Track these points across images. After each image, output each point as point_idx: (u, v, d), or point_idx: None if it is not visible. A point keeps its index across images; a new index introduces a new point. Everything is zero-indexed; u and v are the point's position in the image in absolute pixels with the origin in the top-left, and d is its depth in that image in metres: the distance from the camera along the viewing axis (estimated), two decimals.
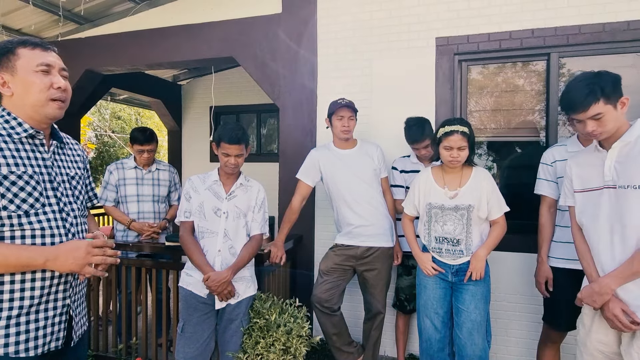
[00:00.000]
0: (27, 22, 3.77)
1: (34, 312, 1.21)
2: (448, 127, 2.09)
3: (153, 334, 2.69)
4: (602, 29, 2.55)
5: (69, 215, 1.31)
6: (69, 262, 1.17)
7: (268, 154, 6.00)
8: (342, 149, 2.63)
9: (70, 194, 1.35)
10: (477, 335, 2.09)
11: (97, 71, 3.92)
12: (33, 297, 1.20)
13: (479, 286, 2.13)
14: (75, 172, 1.41)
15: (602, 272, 1.59)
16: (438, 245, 2.18)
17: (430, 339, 2.21)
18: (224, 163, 2.12)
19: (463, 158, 2.09)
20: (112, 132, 12.03)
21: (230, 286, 2.06)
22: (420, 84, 2.92)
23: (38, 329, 1.22)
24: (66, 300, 1.29)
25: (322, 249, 2.97)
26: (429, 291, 2.22)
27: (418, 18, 2.92)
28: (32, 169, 1.23)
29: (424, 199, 2.21)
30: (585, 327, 1.70)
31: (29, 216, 1.20)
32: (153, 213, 3.07)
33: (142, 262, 2.74)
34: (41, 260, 1.16)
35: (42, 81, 1.24)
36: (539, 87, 2.82)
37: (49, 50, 1.30)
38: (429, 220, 2.19)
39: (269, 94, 3.31)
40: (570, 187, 1.75)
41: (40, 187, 1.24)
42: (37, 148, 1.28)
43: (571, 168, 1.76)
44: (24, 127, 1.24)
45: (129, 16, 3.73)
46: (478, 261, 2.09)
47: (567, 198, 1.79)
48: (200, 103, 6.18)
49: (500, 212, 2.15)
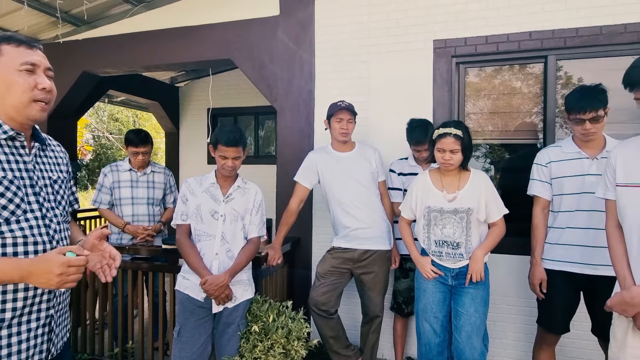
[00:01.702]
0: (24, 24, 3.76)
1: (16, 325, 1.13)
2: (442, 129, 2.09)
3: (150, 338, 2.67)
4: (599, 31, 2.56)
5: (52, 221, 1.23)
6: (41, 280, 1.07)
7: (266, 156, 5.99)
8: (340, 151, 2.62)
9: (53, 198, 1.26)
10: (475, 338, 2.08)
11: (94, 73, 3.91)
12: (15, 309, 1.13)
13: (479, 289, 2.12)
14: (58, 175, 1.33)
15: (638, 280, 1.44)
16: (438, 249, 2.15)
17: (429, 343, 2.19)
18: (221, 166, 2.11)
19: (456, 161, 2.07)
20: (109, 134, 11.99)
21: (227, 290, 2.04)
22: (417, 86, 2.92)
23: (21, 342, 1.14)
24: (50, 310, 1.22)
25: (320, 251, 2.96)
26: (428, 295, 2.20)
27: (416, 20, 2.92)
28: (12, 174, 1.15)
29: (422, 202, 2.18)
30: (617, 340, 1.52)
31: (10, 223, 1.12)
32: (147, 216, 3.05)
33: (138, 265, 2.72)
34: (17, 276, 1.07)
35: (26, 81, 1.15)
36: (536, 90, 2.82)
37: (35, 48, 1.20)
38: (428, 223, 2.17)
39: (267, 96, 3.31)
40: (613, 180, 1.55)
41: (21, 192, 1.16)
42: (17, 151, 1.19)
43: (616, 158, 1.54)
44: (3, 129, 1.15)
45: (126, 18, 3.72)
46: (476, 262, 2.08)
47: (608, 191, 1.59)
48: (197, 105, 6.18)
49: (499, 214, 2.14)
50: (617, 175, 1.53)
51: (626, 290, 1.43)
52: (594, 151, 2.07)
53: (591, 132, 2.01)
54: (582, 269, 2.05)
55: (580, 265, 2.06)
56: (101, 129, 11.91)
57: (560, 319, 2.15)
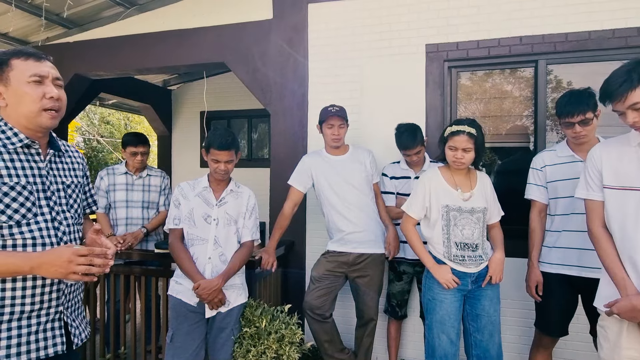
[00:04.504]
0: (14, 26, 3.72)
1: (25, 319, 1.23)
2: (455, 126, 2.02)
3: (142, 343, 2.64)
4: (588, 36, 2.60)
5: (61, 223, 1.32)
6: (51, 270, 1.16)
7: (259, 160, 5.98)
8: (333, 155, 2.62)
9: (64, 202, 1.36)
10: (497, 335, 2.09)
11: (86, 76, 3.88)
12: (24, 304, 1.22)
13: (494, 289, 2.10)
14: (72, 180, 1.42)
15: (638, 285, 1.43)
16: (460, 253, 2.02)
17: (446, 355, 2.06)
18: (213, 169, 2.10)
19: (468, 160, 2.01)
20: (100, 136, 11.88)
21: (221, 294, 2.03)
22: (410, 90, 2.94)
23: (30, 333, 1.23)
24: (59, 307, 1.30)
25: (314, 255, 2.96)
26: (446, 306, 2.05)
27: (408, 25, 2.95)
28: (26, 179, 1.25)
29: (437, 201, 2.06)
30: (610, 342, 1.51)
31: (21, 226, 1.22)
32: (142, 219, 3.02)
33: (131, 270, 2.69)
34: (26, 268, 1.16)
35: (35, 92, 1.25)
36: (527, 94, 2.86)
37: (43, 60, 1.30)
38: (448, 224, 2.03)
39: (260, 100, 3.31)
40: (598, 180, 1.54)
41: (33, 197, 1.25)
42: (32, 157, 1.30)
43: (601, 159, 1.53)
44: (19, 137, 1.26)
45: (118, 21, 3.70)
46: (499, 265, 2.05)
47: (591, 191, 1.57)
48: (190, 108, 6.15)
49: (499, 215, 2.17)
50: (604, 176, 1.51)
51: (635, 296, 1.39)
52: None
53: (582, 135, 2.03)
54: (579, 272, 2.07)
55: (577, 268, 2.07)
56: (92, 132, 11.79)
57: (556, 322, 2.16)
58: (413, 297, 2.86)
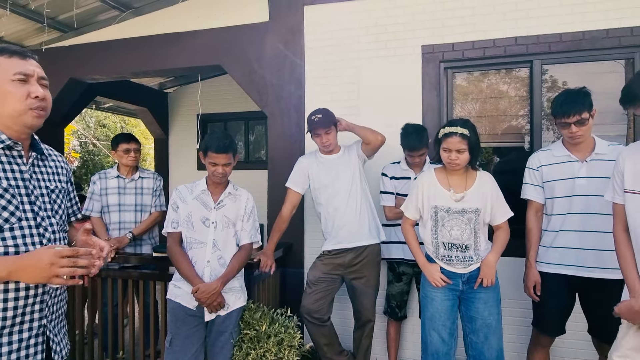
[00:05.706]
0: (9, 30, 3.70)
1: (6, 335, 1.13)
2: (448, 128, 2.02)
3: (141, 347, 2.63)
4: (582, 36, 2.62)
5: (46, 230, 1.25)
6: (32, 274, 1.07)
7: (256, 162, 5.98)
8: (327, 154, 2.63)
9: (49, 207, 1.29)
10: (492, 338, 2.06)
11: (82, 79, 3.86)
12: (5, 319, 1.12)
13: (489, 292, 2.08)
14: (56, 185, 1.35)
15: None
16: (447, 253, 2.07)
17: (437, 352, 2.10)
18: (211, 172, 2.10)
19: (462, 161, 2.01)
20: (97, 140, 11.84)
21: (220, 297, 2.03)
22: (407, 91, 2.95)
23: (11, 352, 1.13)
24: (42, 320, 1.22)
25: (312, 256, 2.95)
26: (436, 304, 2.10)
27: (404, 26, 2.96)
28: (8, 182, 1.18)
29: (428, 202, 2.10)
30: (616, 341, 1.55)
31: (3, 231, 1.14)
32: (135, 223, 2.99)
33: (128, 274, 2.68)
34: (4, 272, 1.07)
35: (19, 90, 1.19)
36: (523, 93, 2.87)
37: (28, 58, 1.24)
38: (435, 224, 2.08)
39: (257, 102, 3.31)
40: (621, 184, 1.54)
41: (15, 200, 1.18)
42: (14, 160, 1.22)
43: (624, 161, 1.52)
44: (1, 138, 1.19)
45: (114, 24, 3.69)
46: (489, 267, 2.04)
47: (616, 195, 1.57)
48: (187, 111, 6.14)
49: (504, 216, 2.12)
50: (625, 180, 1.51)
51: (635, 299, 1.41)
52: (584, 154, 2.10)
53: (577, 134, 2.04)
54: (577, 272, 2.07)
55: (575, 267, 2.07)
56: (88, 136, 11.75)
57: (554, 321, 2.17)
58: (412, 298, 2.86)
